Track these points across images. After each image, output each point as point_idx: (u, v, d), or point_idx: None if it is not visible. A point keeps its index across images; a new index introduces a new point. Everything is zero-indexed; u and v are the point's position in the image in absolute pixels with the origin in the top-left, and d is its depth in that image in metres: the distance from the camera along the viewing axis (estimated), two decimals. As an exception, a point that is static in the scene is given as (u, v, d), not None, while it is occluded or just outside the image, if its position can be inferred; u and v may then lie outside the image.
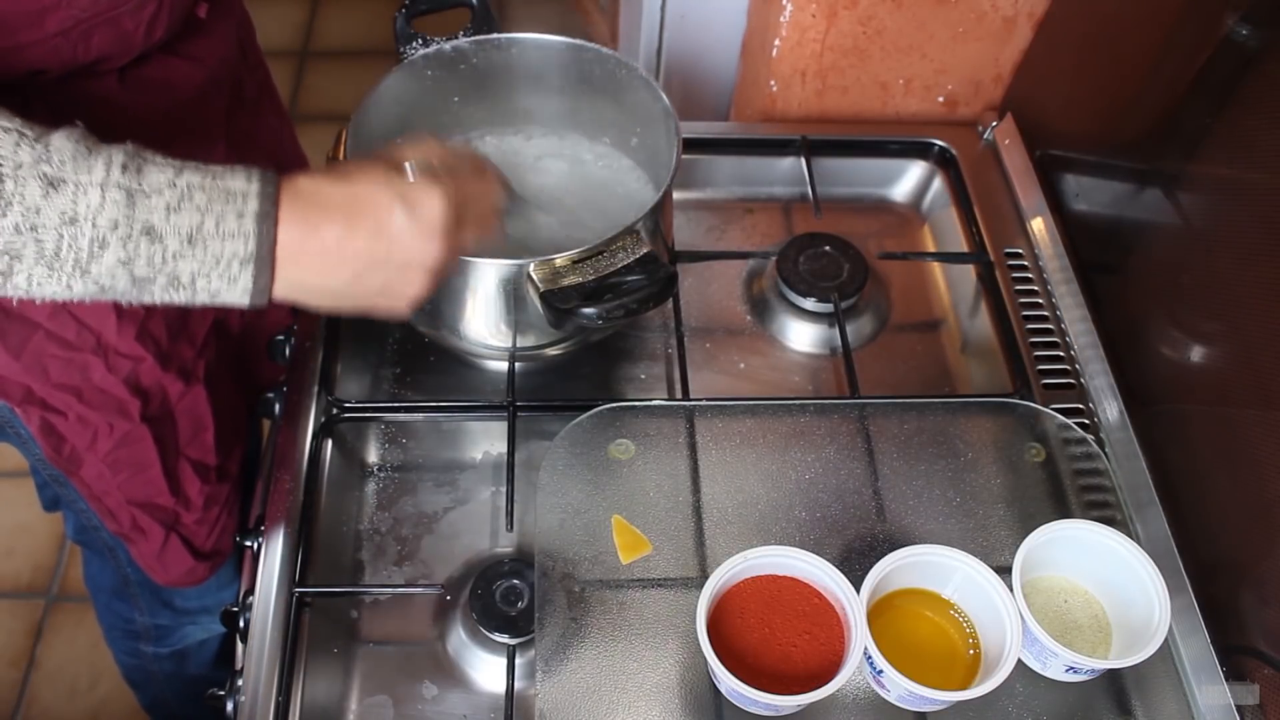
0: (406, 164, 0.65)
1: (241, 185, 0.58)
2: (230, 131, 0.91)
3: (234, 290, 0.59)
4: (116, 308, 0.83)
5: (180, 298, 0.59)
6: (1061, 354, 0.95)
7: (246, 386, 1.04)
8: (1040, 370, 0.93)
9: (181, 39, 0.78)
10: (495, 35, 0.92)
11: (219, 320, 0.94)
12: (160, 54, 0.77)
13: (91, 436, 0.89)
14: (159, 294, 0.58)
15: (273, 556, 0.80)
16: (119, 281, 0.57)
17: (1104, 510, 0.83)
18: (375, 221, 0.62)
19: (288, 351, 0.93)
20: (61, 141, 0.55)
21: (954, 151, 1.10)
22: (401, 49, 0.91)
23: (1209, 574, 0.78)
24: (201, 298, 0.59)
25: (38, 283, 0.56)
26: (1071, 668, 0.72)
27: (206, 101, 0.85)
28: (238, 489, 1.03)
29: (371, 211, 0.62)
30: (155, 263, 0.57)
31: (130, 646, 1.22)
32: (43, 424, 0.87)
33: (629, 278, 0.77)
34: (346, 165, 0.65)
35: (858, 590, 0.70)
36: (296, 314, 0.96)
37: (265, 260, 0.58)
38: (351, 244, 0.61)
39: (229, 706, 0.78)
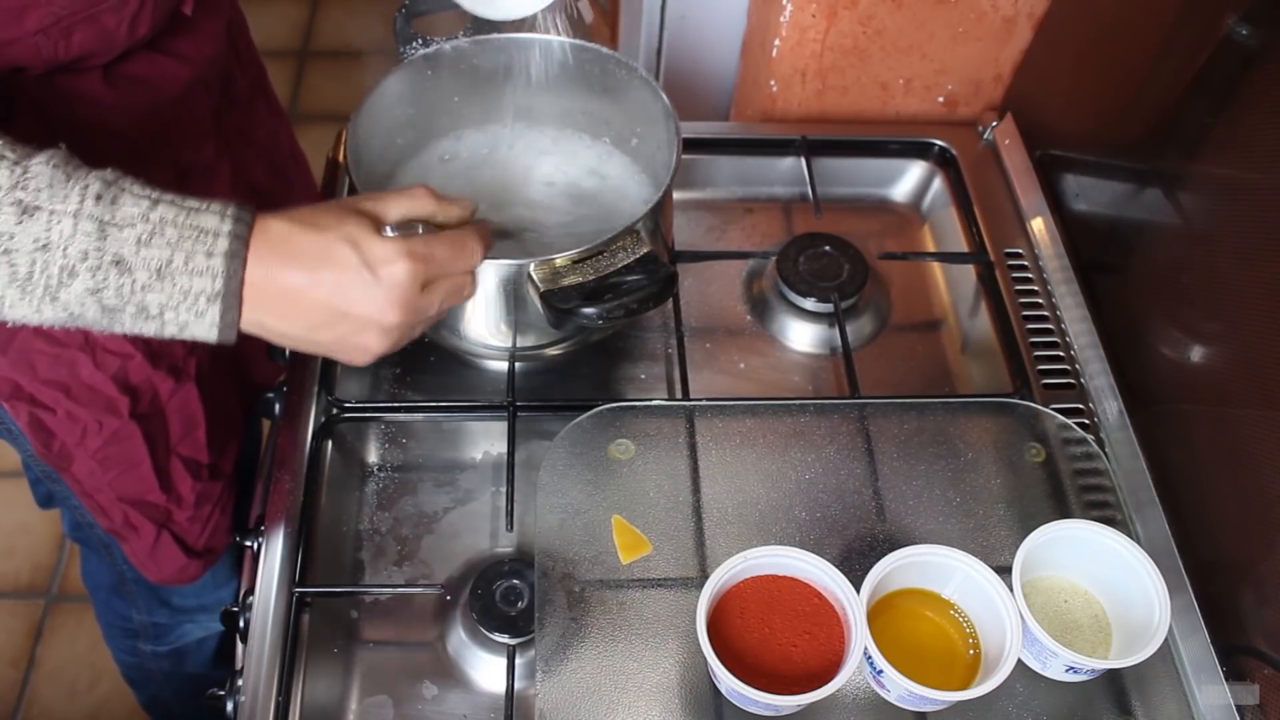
0: (386, 226, 0.65)
1: (214, 224, 0.58)
2: (221, 130, 0.91)
3: (201, 324, 0.59)
4: None
5: (150, 328, 0.59)
6: (1061, 354, 0.95)
7: (242, 385, 1.04)
8: (1040, 370, 0.93)
9: (167, 36, 0.78)
10: (495, 35, 0.92)
11: None
12: (145, 51, 0.77)
13: (81, 433, 0.88)
14: (129, 323, 0.59)
15: (272, 556, 0.80)
16: (88, 310, 0.57)
17: (1104, 510, 0.83)
18: (335, 281, 0.62)
19: (287, 351, 0.93)
20: (40, 167, 0.56)
21: (954, 151, 1.10)
22: (401, 49, 0.91)
23: (1209, 574, 0.78)
24: (170, 329, 0.59)
25: (10, 304, 0.57)
26: (1071, 668, 0.72)
27: (194, 100, 0.85)
28: (232, 487, 1.03)
29: (336, 267, 0.62)
30: (124, 293, 0.57)
31: (128, 645, 1.22)
32: (31, 420, 0.87)
33: (629, 278, 0.77)
34: (325, 209, 0.65)
35: (858, 590, 0.70)
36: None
37: (233, 298, 0.59)
38: (312, 294, 0.62)
39: (229, 706, 0.78)
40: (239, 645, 0.80)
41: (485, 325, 0.85)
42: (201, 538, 1.01)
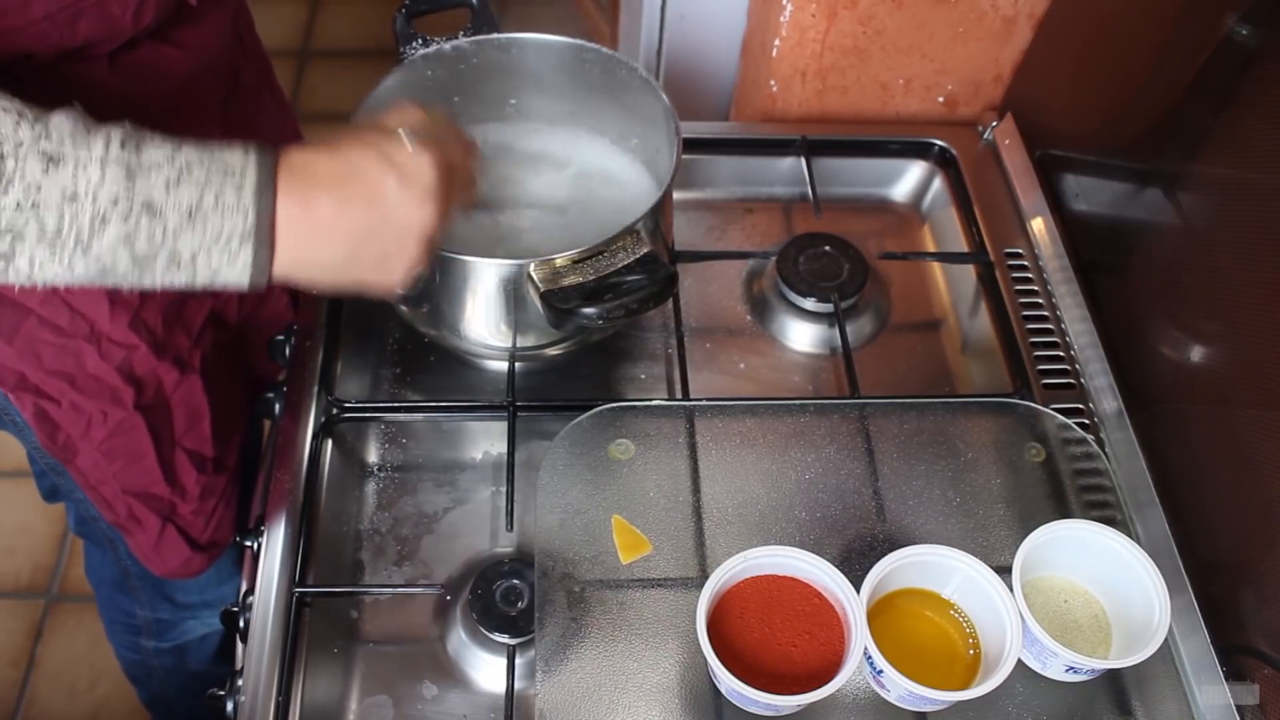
0: (401, 130, 0.65)
1: (239, 161, 0.58)
2: (226, 122, 0.91)
3: (234, 267, 0.59)
4: (109, 294, 0.83)
5: (181, 278, 0.58)
6: (1061, 354, 0.95)
7: (246, 379, 1.04)
8: (1040, 370, 0.93)
9: (173, 26, 0.79)
10: (495, 35, 0.92)
11: (216, 310, 0.94)
12: (151, 40, 0.77)
13: (85, 424, 0.89)
14: (160, 274, 0.58)
15: (273, 556, 0.80)
16: (120, 261, 0.57)
17: (1104, 510, 0.83)
18: (369, 191, 0.62)
19: (288, 351, 0.93)
20: (61, 120, 0.55)
21: (954, 151, 1.10)
22: (401, 49, 0.91)
23: (1209, 574, 0.78)
24: (203, 277, 0.59)
25: (40, 264, 0.56)
26: (1071, 668, 0.72)
27: (199, 90, 0.85)
28: (235, 481, 1.03)
29: (365, 181, 0.62)
30: (156, 239, 0.57)
31: (130, 641, 1.22)
32: (36, 411, 0.87)
33: (629, 278, 0.77)
34: (338, 135, 0.65)
35: (858, 590, 0.70)
36: (296, 311, 0.96)
37: (265, 235, 0.59)
38: (347, 215, 0.62)
39: (229, 706, 0.78)
40: (239, 645, 0.80)
41: (485, 325, 0.85)
42: (206, 531, 1.01)
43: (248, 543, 0.83)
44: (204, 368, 0.92)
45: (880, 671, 0.69)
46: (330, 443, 0.88)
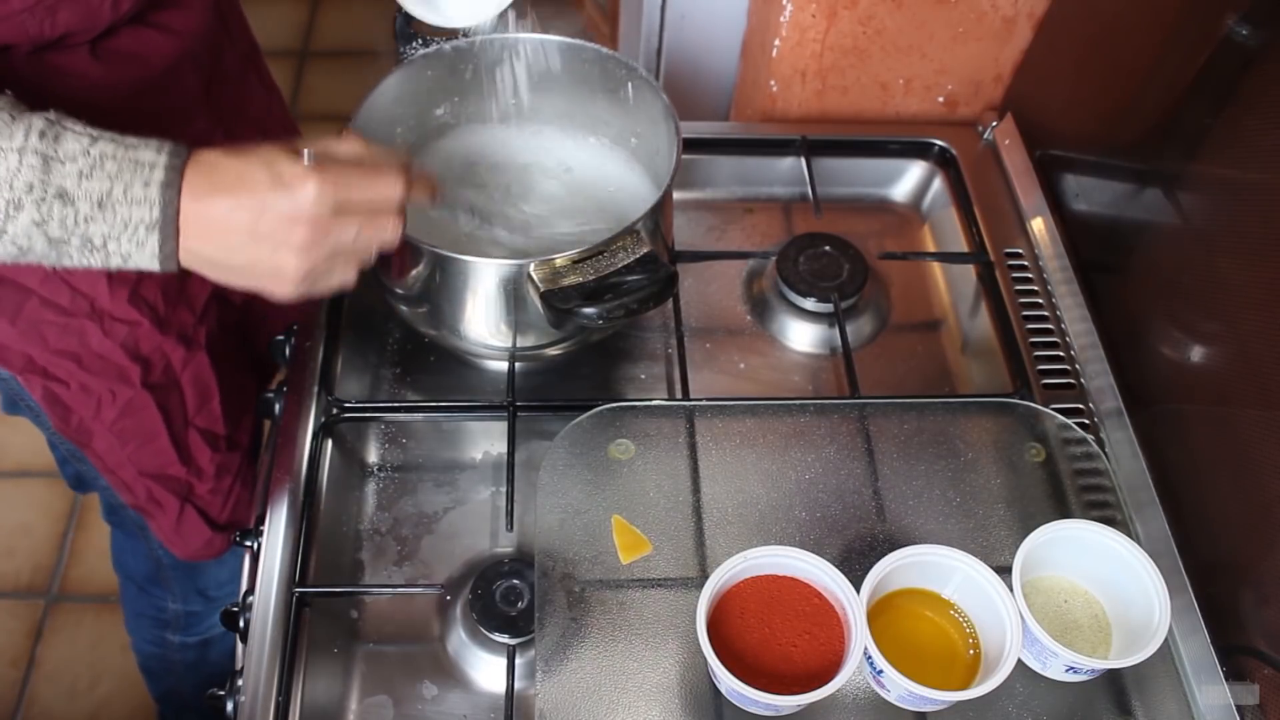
0: (304, 151, 0.66)
1: (151, 156, 0.62)
2: (212, 104, 0.90)
3: (143, 254, 0.63)
4: (105, 270, 0.83)
5: (96, 260, 0.63)
6: (1061, 354, 0.95)
7: (253, 359, 1.05)
8: (1040, 370, 0.93)
9: (153, 10, 0.79)
10: (495, 35, 0.92)
11: (218, 288, 0.94)
12: (132, 26, 0.78)
13: (95, 405, 0.90)
14: (76, 256, 0.62)
15: (273, 556, 0.80)
16: (36, 243, 0.61)
17: (1104, 510, 0.83)
18: (253, 198, 0.64)
19: (288, 351, 0.93)
20: None
21: (954, 151, 1.10)
22: (401, 49, 0.91)
23: (1209, 574, 0.78)
24: (115, 260, 0.63)
25: None
26: (1071, 668, 0.72)
27: (183, 74, 0.85)
28: (249, 460, 1.04)
29: (251, 187, 0.64)
30: (68, 225, 0.61)
31: (155, 635, 1.23)
32: (46, 393, 0.88)
33: (629, 278, 0.77)
34: (255, 145, 0.67)
35: (858, 590, 0.70)
36: (297, 310, 0.96)
37: (169, 226, 0.62)
38: (234, 217, 0.64)
39: (229, 706, 0.78)
40: (239, 645, 0.80)
41: (485, 325, 0.85)
42: (224, 511, 1.02)
43: (248, 543, 0.83)
44: (210, 345, 0.93)
45: (880, 671, 0.69)
46: (330, 443, 0.88)
